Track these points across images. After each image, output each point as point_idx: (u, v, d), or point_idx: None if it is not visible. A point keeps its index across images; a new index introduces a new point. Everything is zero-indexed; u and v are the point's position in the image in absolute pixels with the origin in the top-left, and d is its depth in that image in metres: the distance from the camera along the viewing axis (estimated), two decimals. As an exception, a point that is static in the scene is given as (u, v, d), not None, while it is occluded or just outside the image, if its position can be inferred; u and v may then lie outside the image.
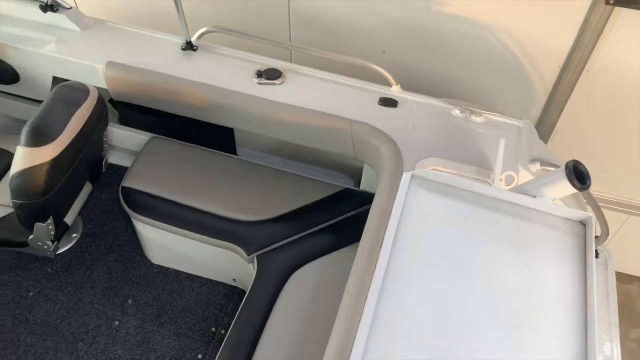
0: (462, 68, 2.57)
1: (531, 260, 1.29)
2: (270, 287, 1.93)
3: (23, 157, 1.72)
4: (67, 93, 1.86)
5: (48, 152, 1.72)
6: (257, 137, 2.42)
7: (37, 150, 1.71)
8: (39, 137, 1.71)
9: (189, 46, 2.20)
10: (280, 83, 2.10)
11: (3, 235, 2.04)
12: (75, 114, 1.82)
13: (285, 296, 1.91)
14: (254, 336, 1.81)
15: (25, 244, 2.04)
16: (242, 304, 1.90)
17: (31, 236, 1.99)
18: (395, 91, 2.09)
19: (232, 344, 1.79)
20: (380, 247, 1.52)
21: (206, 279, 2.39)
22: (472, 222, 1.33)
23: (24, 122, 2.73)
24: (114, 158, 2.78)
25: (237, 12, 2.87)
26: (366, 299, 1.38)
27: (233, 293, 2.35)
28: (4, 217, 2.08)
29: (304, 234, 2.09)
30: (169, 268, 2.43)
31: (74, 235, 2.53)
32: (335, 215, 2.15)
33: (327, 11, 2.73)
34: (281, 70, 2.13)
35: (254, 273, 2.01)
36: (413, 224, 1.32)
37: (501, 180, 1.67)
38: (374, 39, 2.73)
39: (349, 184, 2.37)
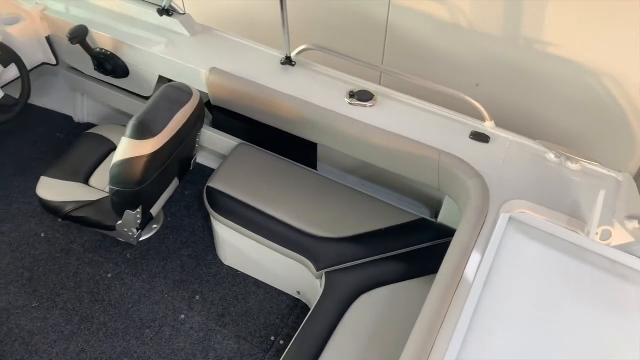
0: (559, 111, 2.47)
1: (629, 323, 1.20)
2: (336, 306, 1.93)
3: (126, 148, 1.83)
4: (173, 93, 1.97)
5: (149, 146, 1.83)
6: (338, 155, 2.45)
7: (139, 142, 1.81)
8: (142, 131, 1.82)
9: (288, 61, 2.28)
10: (371, 105, 2.12)
11: (95, 217, 2.18)
12: (178, 113, 1.92)
13: (349, 318, 1.89)
14: (314, 354, 1.80)
15: (112, 228, 2.17)
16: (305, 319, 1.90)
17: (119, 221, 2.12)
18: (488, 126, 2.05)
19: (291, 358, 1.79)
20: (458, 283, 1.48)
21: (272, 287, 2.43)
22: (569, 274, 1.27)
23: (125, 113, 2.94)
24: (200, 158, 2.91)
25: (334, 32, 2.94)
26: (438, 334, 1.34)
27: (296, 305, 2.37)
28: (97, 200, 2.22)
29: (374, 258, 2.07)
30: (237, 270, 2.49)
31: (154, 226, 2.66)
32: (409, 244, 2.11)
33: (422, 39, 2.73)
34: (373, 93, 2.15)
35: (321, 290, 2.01)
36: (506, 266, 1.28)
37: (597, 234, 1.58)
38: (467, 71, 2.70)
39: (425, 214, 2.34)
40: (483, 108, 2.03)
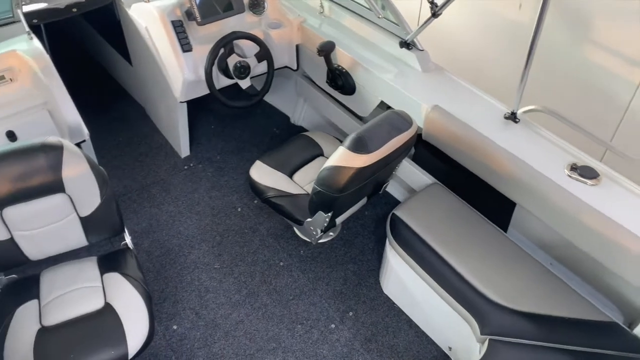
0: None
1: None
2: (492, 378, 1.81)
3: (340, 157, 1.97)
4: (395, 119, 2.07)
5: (360, 161, 1.95)
6: (533, 224, 2.31)
7: (354, 155, 1.94)
8: (360, 146, 1.94)
9: (512, 117, 2.24)
10: (593, 185, 1.96)
11: (289, 208, 2.39)
12: (394, 139, 2.01)
13: (503, 396, 1.76)
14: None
15: (300, 223, 2.35)
16: None
17: (309, 219, 2.28)
18: None
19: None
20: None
21: (424, 332, 2.37)
22: None
23: (336, 127, 3.17)
24: (389, 187, 2.99)
25: (564, 99, 2.80)
26: None
27: (442, 360, 2.28)
28: (296, 195, 2.43)
29: (549, 345, 1.89)
30: (394, 303, 2.49)
31: (331, 234, 2.80)
32: (592, 345, 1.88)
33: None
34: (598, 172, 1.99)
35: (479, 356, 1.90)
36: None
37: None
38: None
39: (617, 319, 2.06)
40: None
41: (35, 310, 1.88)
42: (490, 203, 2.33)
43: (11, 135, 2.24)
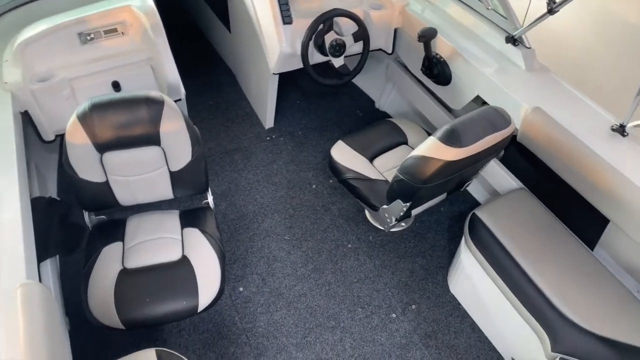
0: None
1: None
2: (558, 398, 1.72)
3: (430, 147, 1.92)
4: (493, 115, 1.98)
5: (450, 154, 1.88)
6: (625, 246, 2.15)
7: (444, 147, 1.88)
8: (453, 138, 1.88)
9: (620, 129, 2.08)
10: None
11: (366, 192, 2.38)
12: (489, 136, 1.93)
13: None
14: None
15: (375, 208, 2.33)
16: None
17: (385, 206, 2.26)
18: None
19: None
20: None
21: (487, 338, 2.30)
22: None
23: (422, 116, 3.10)
24: (470, 186, 2.90)
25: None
26: None
27: (503, 370, 2.21)
28: (374, 180, 2.41)
29: (624, 376, 1.77)
30: (460, 304, 2.42)
31: (403, 224, 2.76)
32: (676, 385, 1.74)
33: None
34: None
35: (547, 372, 1.82)
36: None
37: None
38: None
39: None
40: None
41: (119, 251, 2.01)
42: (581, 217, 2.19)
43: (116, 86, 2.37)
